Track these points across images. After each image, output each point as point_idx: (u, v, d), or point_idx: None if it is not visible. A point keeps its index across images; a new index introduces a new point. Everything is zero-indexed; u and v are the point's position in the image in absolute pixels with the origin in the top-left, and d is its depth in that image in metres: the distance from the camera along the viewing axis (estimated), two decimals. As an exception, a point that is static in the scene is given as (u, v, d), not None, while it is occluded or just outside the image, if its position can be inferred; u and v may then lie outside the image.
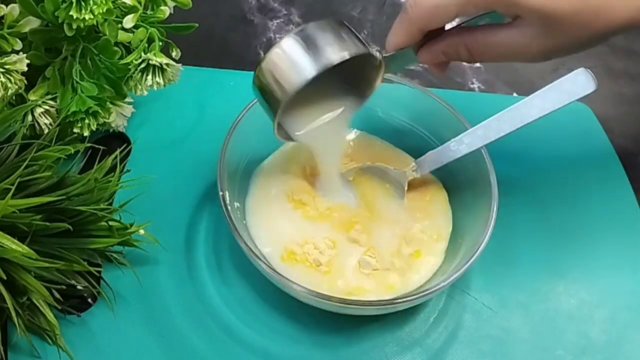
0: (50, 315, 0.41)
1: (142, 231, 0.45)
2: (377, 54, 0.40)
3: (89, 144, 0.47)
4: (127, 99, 0.51)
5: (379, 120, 0.51)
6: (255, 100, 0.46)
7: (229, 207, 0.42)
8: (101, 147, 0.48)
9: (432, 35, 0.41)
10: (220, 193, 0.42)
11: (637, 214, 0.51)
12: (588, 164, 0.55)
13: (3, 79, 0.43)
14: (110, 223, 0.43)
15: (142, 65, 0.47)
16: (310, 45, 0.37)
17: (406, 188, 0.48)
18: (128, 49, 0.49)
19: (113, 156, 0.45)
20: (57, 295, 0.42)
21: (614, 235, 0.50)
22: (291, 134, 0.44)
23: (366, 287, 0.44)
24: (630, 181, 0.53)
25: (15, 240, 0.38)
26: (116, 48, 0.48)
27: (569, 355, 0.44)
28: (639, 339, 0.45)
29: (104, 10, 0.43)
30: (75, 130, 0.47)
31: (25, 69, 0.44)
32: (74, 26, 0.43)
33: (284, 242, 0.45)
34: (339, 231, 0.46)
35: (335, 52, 0.37)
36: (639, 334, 0.45)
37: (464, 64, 0.65)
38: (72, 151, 0.44)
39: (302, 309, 0.43)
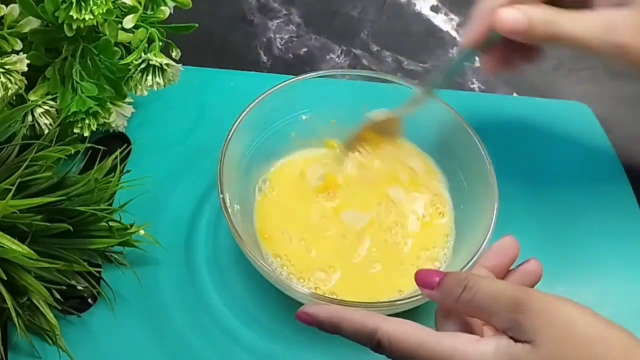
0: (50, 315, 0.41)
1: (142, 231, 0.45)
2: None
3: (89, 144, 0.47)
4: (127, 99, 0.51)
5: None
6: (256, 101, 0.46)
7: (229, 210, 0.42)
8: (101, 148, 0.48)
9: None
10: (221, 196, 0.42)
11: (637, 214, 0.51)
12: (588, 164, 0.55)
13: (3, 79, 0.43)
14: (111, 223, 0.43)
15: (142, 66, 0.47)
16: None
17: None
18: (128, 49, 0.49)
19: (113, 156, 0.45)
20: (57, 295, 0.42)
21: (614, 235, 0.50)
22: None
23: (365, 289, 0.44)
24: (630, 181, 0.53)
25: (16, 241, 0.38)
26: (116, 48, 0.48)
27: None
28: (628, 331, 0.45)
29: (104, 10, 0.43)
30: (75, 130, 0.47)
31: (25, 69, 0.44)
32: (74, 26, 0.43)
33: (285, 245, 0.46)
34: (341, 237, 0.46)
35: None
36: (639, 334, 0.45)
37: (464, 63, 0.65)
38: (72, 151, 0.44)
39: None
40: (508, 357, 0.29)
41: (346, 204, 0.48)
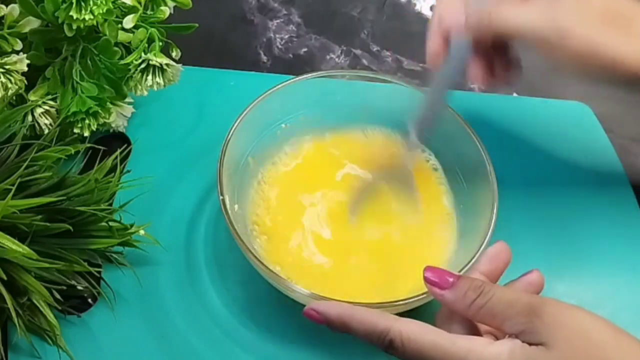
0: (50, 315, 0.41)
1: (142, 231, 0.45)
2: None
3: (89, 145, 0.47)
4: (127, 99, 0.51)
5: (377, 120, 0.51)
6: (256, 101, 0.46)
7: (229, 211, 0.42)
8: (101, 148, 0.48)
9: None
10: (221, 197, 0.42)
11: (637, 214, 0.51)
12: (588, 164, 0.55)
13: (3, 79, 0.43)
14: (111, 223, 0.43)
15: (142, 66, 0.47)
16: None
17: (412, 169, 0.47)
18: (128, 49, 0.49)
19: (113, 156, 0.45)
20: (57, 295, 0.42)
21: (614, 235, 0.50)
22: None
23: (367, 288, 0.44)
24: (630, 181, 0.53)
25: (16, 241, 0.38)
26: (116, 48, 0.48)
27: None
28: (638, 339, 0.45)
29: (104, 10, 0.43)
30: (75, 130, 0.47)
31: (26, 69, 0.44)
32: (74, 26, 0.43)
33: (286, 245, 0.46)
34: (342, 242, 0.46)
35: None
36: (639, 334, 0.45)
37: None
38: (73, 151, 0.44)
39: (302, 310, 0.43)
40: (524, 358, 0.30)
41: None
